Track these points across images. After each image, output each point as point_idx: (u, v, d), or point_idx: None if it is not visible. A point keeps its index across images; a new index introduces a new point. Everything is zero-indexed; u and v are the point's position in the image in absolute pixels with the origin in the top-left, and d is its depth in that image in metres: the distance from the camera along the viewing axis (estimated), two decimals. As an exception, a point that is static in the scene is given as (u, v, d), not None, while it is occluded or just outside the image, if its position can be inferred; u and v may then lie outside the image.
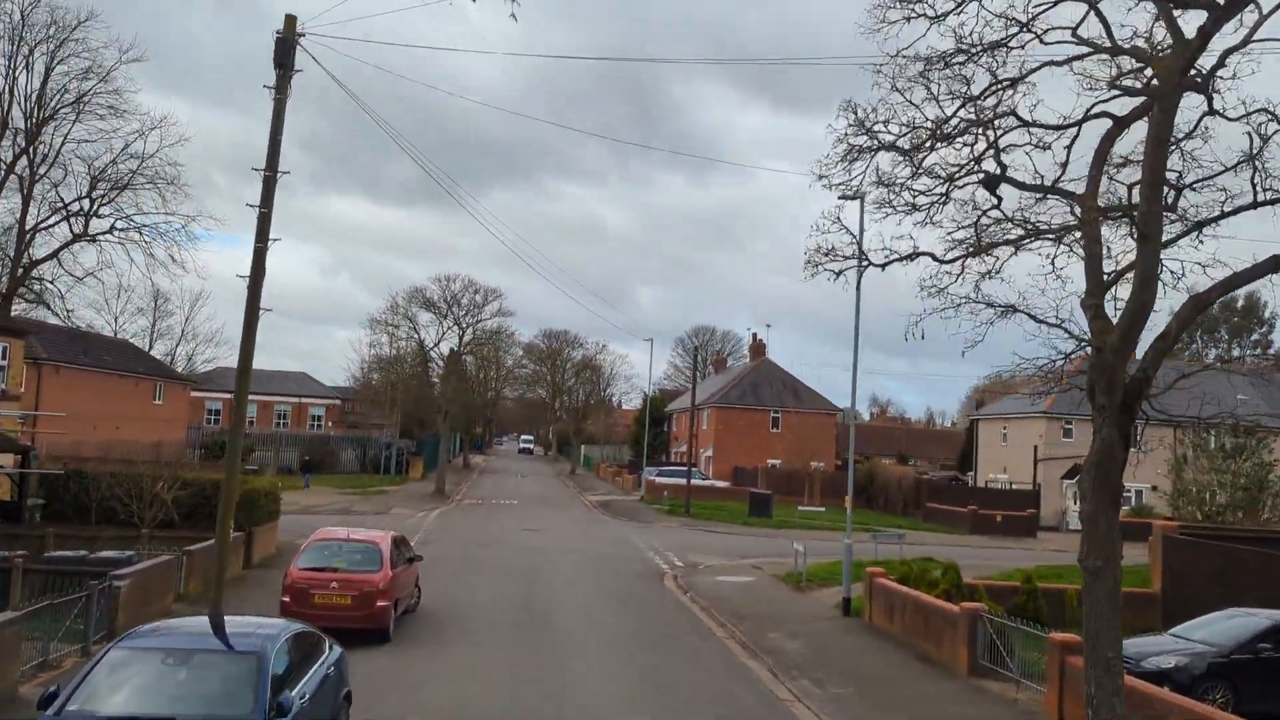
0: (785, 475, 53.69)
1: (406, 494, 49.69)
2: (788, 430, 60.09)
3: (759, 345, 66.64)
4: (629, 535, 35.75)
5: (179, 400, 60.83)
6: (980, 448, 53.89)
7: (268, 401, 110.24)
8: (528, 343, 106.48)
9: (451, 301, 49.90)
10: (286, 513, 38.99)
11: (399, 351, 53.59)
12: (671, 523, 42.11)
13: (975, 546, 38.98)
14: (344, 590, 15.87)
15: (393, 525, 36.84)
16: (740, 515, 44.98)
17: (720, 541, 35.58)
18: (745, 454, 59.91)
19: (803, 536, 38.68)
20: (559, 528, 36.87)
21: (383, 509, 41.59)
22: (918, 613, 17.42)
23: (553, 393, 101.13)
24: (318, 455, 62.82)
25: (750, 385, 61.87)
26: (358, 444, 64.50)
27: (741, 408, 60.41)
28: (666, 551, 31.10)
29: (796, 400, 60.72)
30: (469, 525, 36.39)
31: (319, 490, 48.57)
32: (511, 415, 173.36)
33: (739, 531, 39.70)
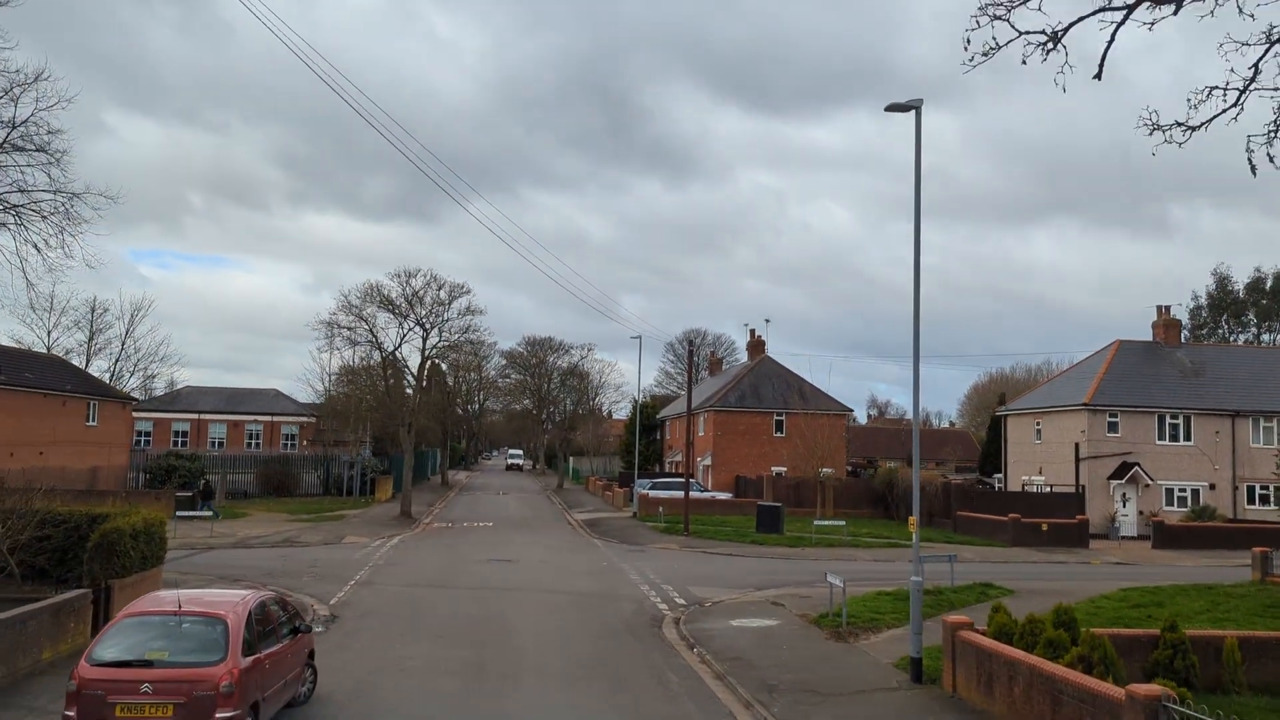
0: (793, 485, 48.03)
1: (368, 519, 43.85)
2: (794, 434, 54.40)
3: (758, 342, 61.01)
4: (619, 563, 30.00)
5: (118, 421, 54.85)
6: (1009, 446, 48.31)
7: (239, 421, 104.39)
8: (510, 350, 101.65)
9: (412, 299, 44.10)
10: (218, 547, 33.21)
11: (363, 360, 47.81)
12: (669, 544, 36.38)
13: (1023, 562, 33.39)
14: (162, 697, 10.10)
15: (339, 558, 31.27)
16: (747, 532, 39.29)
17: (728, 567, 29.86)
18: (747, 462, 54.26)
19: (821, 556, 33.16)
20: (536, 556, 31.10)
21: (334, 538, 35.79)
22: (1044, 691, 11.71)
23: (538, 403, 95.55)
24: (276, 477, 57.00)
25: (750, 386, 56.25)
26: (320, 464, 58.59)
27: (741, 411, 54.80)
28: (664, 584, 25.37)
29: (802, 401, 55.07)
30: (428, 557, 30.60)
31: (266, 518, 42.69)
32: (499, 429, 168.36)
33: (748, 553, 33.99)
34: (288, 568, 27.04)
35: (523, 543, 35.71)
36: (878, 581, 25.87)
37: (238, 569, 26.65)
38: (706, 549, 35.04)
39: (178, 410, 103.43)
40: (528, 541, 36.26)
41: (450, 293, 44.86)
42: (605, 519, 47.02)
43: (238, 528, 38.10)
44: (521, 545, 34.65)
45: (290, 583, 24.19)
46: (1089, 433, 41.58)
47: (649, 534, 39.86)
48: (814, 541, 36.29)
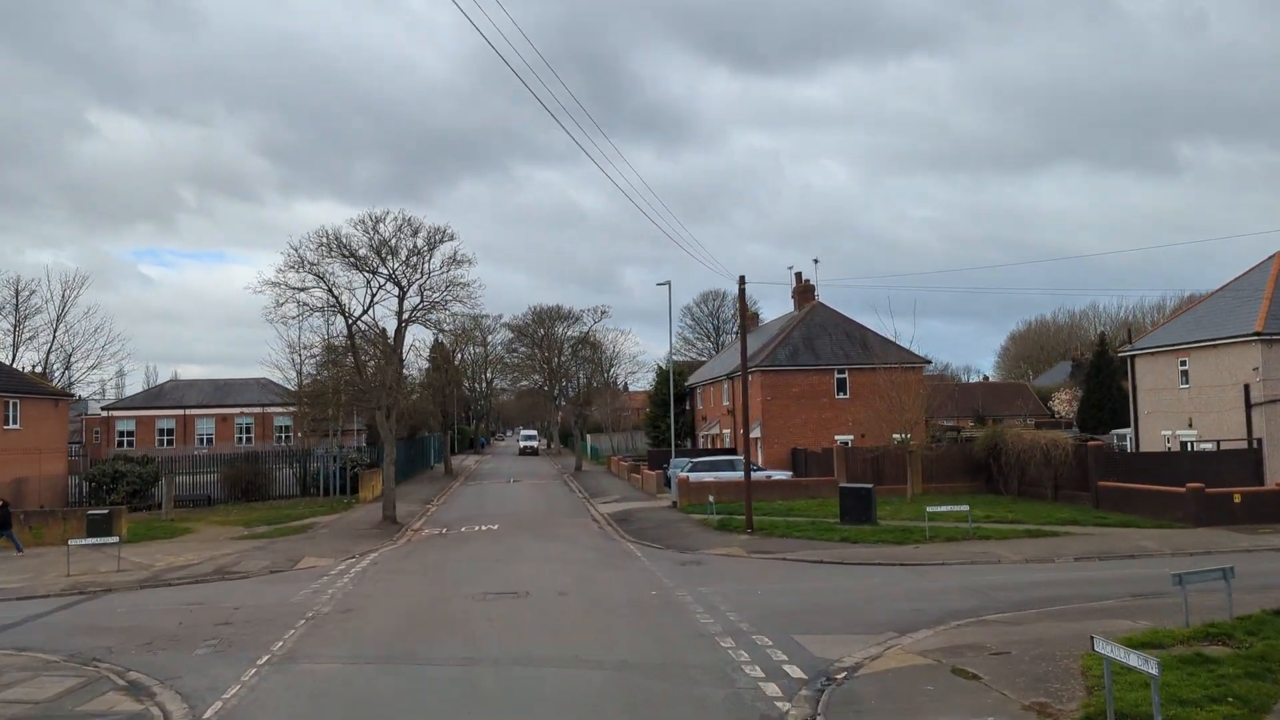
0: (872, 458, 38.68)
1: (341, 528, 34.82)
2: (860, 394, 45.12)
3: (805, 287, 51.56)
4: (674, 588, 20.79)
5: (50, 422, 45.87)
6: (1140, 394, 38.77)
7: (227, 415, 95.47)
8: (515, 322, 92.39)
9: (382, 250, 34.75)
10: (120, 588, 23.71)
11: (334, 335, 38.38)
12: (731, 547, 27.20)
13: (1247, 551, 23.80)
14: None
15: (272, 602, 20.04)
16: (828, 524, 30.11)
17: (831, 586, 20.62)
18: (804, 431, 45.00)
19: (949, 557, 23.01)
20: (555, 583, 21.90)
21: (286, 562, 26.80)
22: None
23: (549, 378, 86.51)
24: (244, 478, 48.05)
25: (802, 339, 46.83)
26: (296, 459, 49.64)
27: (794, 370, 45.39)
28: (754, 630, 16.19)
29: (867, 353, 45.72)
30: (401, 593, 21.47)
31: (212, 535, 33.75)
32: (510, 409, 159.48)
33: (845, 557, 24.74)
34: (185, 628, 18.01)
35: (536, 557, 26.55)
36: (1078, 608, 16.63)
37: (111, 632, 17.75)
38: (783, 553, 25.85)
39: (162, 407, 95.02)
40: (543, 554, 27.10)
41: (429, 239, 35.53)
42: (637, 511, 37.86)
43: (166, 552, 29.14)
44: (534, 562, 25.48)
45: (168, 660, 15.23)
46: (1264, 369, 32.05)
47: (699, 532, 30.68)
48: (927, 534, 27.03)
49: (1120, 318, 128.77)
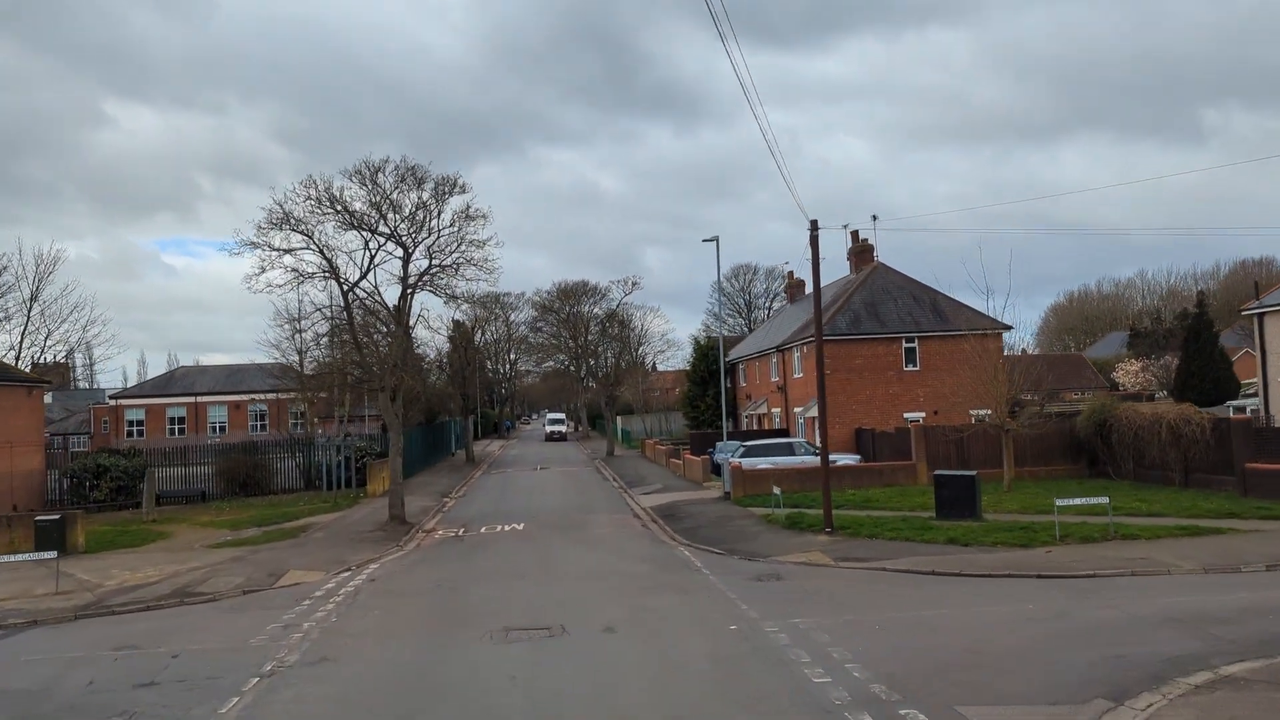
0: (955, 440, 33.18)
1: (342, 528, 29.88)
2: (932, 366, 39.66)
3: (863, 247, 45.94)
4: (760, 623, 15.45)
5: (22, 414, 41.14)
6: (1270, 357, 33.01)
7: (240, 401, 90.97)
8: (540, 300, 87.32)
9: (382, 205, 29.58)
10: (45, 621, 18.52)
11: (332, 302, 33.14)
12: (811, 553, 21.91)
13: None
14: None
15: (225, 644, 14.59)
16: (920, 520, 24.80)
17: (983, 620, 15.18)
18: (869, 408, 39.55)
19: (1099, 565, 16.96)
20: (598, 616, 16.66)
21: (264, 578, 21.87)
22: None
23: (575, 357, 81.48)
24: (241, 471, 43.30)
25: (864, 304, 41.29)
26: (298, 449, 44.83)
27: (856, 339, 39.86)
28: (904, 704, 10.88)
29: (939, 320, 40.20)
30: (396, 628, 16.34)
31: (188, 540, 28.90)
32: (536, 391, 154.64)
33: (966, 566, 19.34)
34: (93, 690, 13.05)
35: (571, 570, 21.37)
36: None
37: None
38: (880, 560, 20.54)
39: (172, 394, 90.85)
40: (579, 566, 21.91)
41: (437, 191, 30.29)
42: (685, 504, 32.66)
43: (126, 565, 24.25)
44: (569, 579, 20.28)
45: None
46: None
47: (766, 532, 25.40)
48: (1057, 533, 21.57)
49: (1171, 285, 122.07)
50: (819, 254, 24.36)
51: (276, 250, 28.48)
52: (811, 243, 24.33)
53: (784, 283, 57.79)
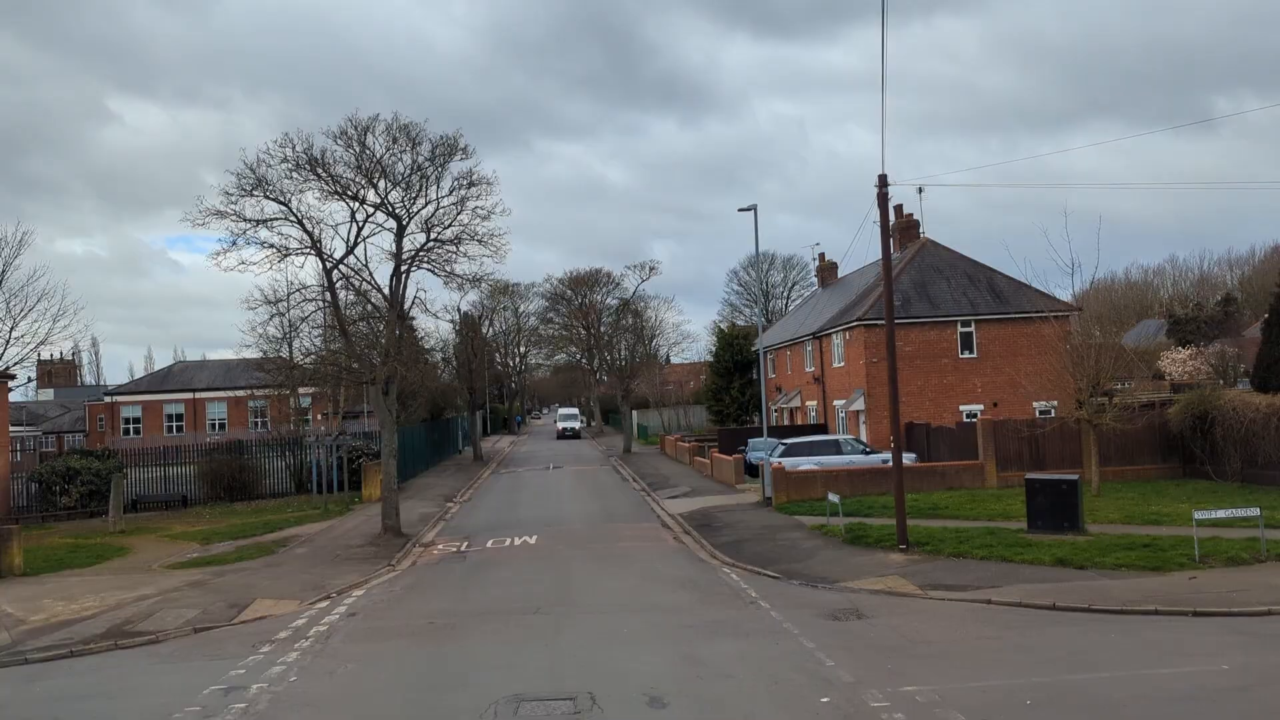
0: (1028, 436, 29.04)
1: (327, 542, 26.01)
2: (990, 353, 35.56)
3: (908, 223, 41.77)
4: (858, 690, 11.44)
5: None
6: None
7: (240, 398, 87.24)
8: (550, 289, 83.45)
9: (373, 171, 25.62)
10: None
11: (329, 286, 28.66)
12: (888, 577, 17.87)
13: None
14: None
15: (178, 685, 11.55)
16: (1011, 534, 20.72)
17: (1167, 689, 11.10)
18: (920, 400, 35.43)
19: (1274, 596, 13.49)
20: (635, 674, 12.69)
21: (231, 606, 18.06)
22: None
23: (589, 349, 77.63)
24: (227, 474, 39.50)
25: (914, 285, 37.12)
26: (289, 449, 41.00)
27: (906, 322, 35.70)
28: None
29: (998, 301, 36.05)
30: (371, 695, 12.36)
31: (151, 555, 25.08)
32: (547, 386, 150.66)
33: (1100, 600, 15.21)
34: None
35: (597, 602, 17.36)
36: None
37: None
38: (978, 587, 16.51)
39: (170, 390, 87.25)
40: (607, 598, 17.89)
41: (434, 154, 26.29)
42: (719, 511, 28.67)
43: (64, 592, 20.38)
44: (596, 614, 16.27)
45: None
46: None
47: (825, 548, 21.38)
48: (1196, 552, 17.47)
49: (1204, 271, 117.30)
50: (888, 215, 20.29)
51: (249, 221, 24.53)
52: (880, 202, 20.27)
53: (815, 265, 53.74)
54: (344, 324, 26.08)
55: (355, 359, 26.83)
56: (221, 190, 24.03)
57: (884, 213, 20.29)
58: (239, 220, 24.36)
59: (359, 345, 27.36)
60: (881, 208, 20.28)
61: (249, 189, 24.11)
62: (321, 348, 28.96)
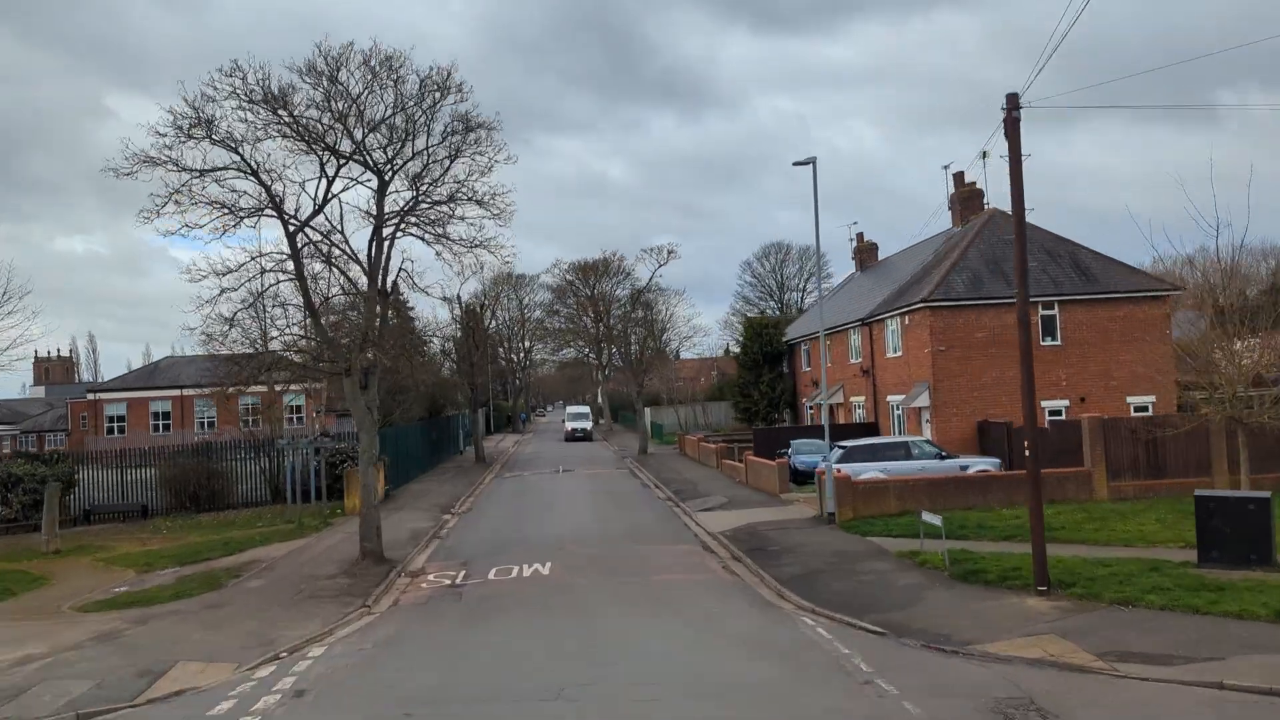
0: (1147, 439, 23.96)
1: (292, 570, 21.05)
2: (1077, 339, 30.51)
3: (971, 192, 36.72)
4: None
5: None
6: None
7: (230, 393, 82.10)
8: (558, 282, 78.48)
9: (347, 114, 20.58)
10: None
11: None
12: (1052, 645, 12.85)
13: None
14: None
15: None
16: (1175, 567, 15.68)
17: None
18: (995, 394, 30.35)
19: None
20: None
21: (140, 674, 13.15)
22: None
23: (596, 343, 72.68)
24: (192, 481, 34.68)
25: (984, 260, 31.97)
26: (266, 452, 36.12)
27: (978, 303, 30.59)
28: None
29: (1085, 279, 30.99)
30: None
31: (69, 588, 20.19)
32: (552, 382, 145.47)
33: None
34: None
35: (642, 674, 12.34)
36: None
37: None
38: (1196, 664, 11.51)
39: (156, 387, 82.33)
40: (654, 667, 12.85)
41: (422, 90, 21.28)
42: (768, 528, 23.67)
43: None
44: (643, 708, 11.21)
45: None
46: None
47: (925, 585, 16.37)
48: None
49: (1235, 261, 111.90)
50: (1019, 145, 15.27)
51: (190, 172, 19.52)
52: (1008, 131, 15.23)
53: (852, 245, 48.61)
54: (311, 302, 21.07)
55: (327, 345, 21.82)
56: (152, 130, 18.95)
57: (1015, 143, 15.24)
58: (177, 169, 19.36)
59: (335, 329, 22.40)
60: (1012, 137, 15.23)
61: (188, 129, 19.10)
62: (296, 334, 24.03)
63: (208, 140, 19.61)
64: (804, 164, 23.79)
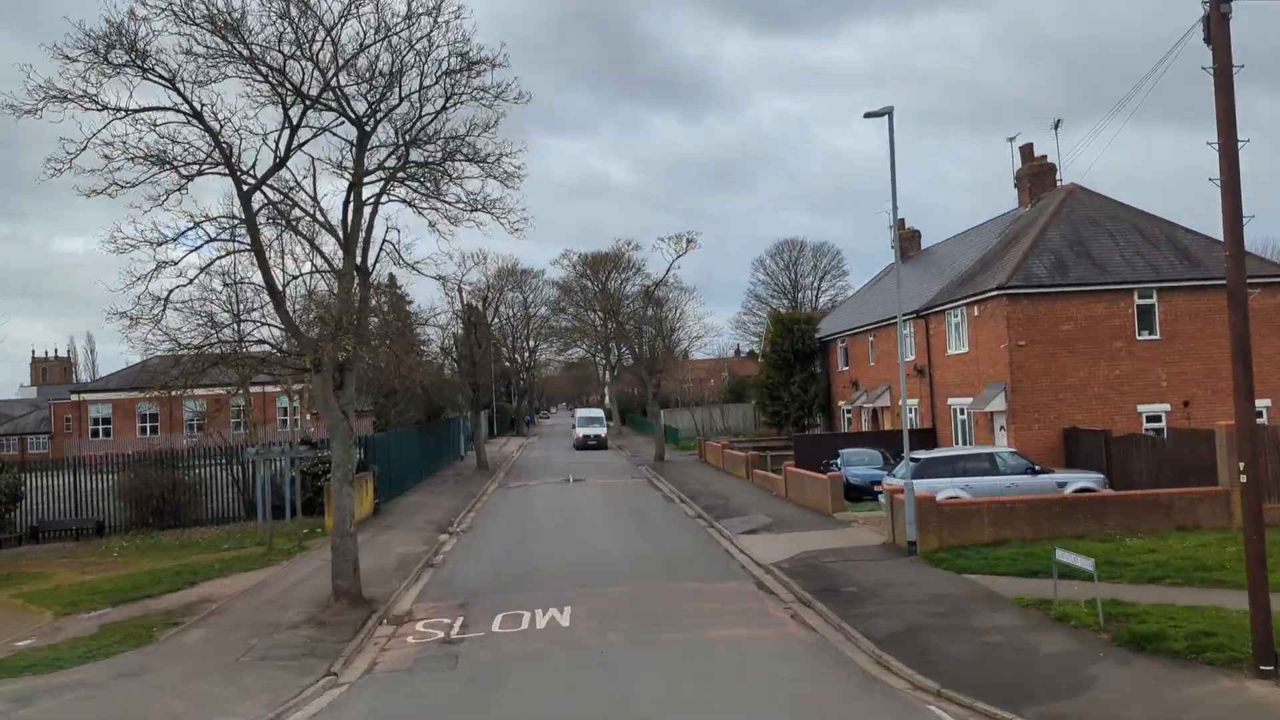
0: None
1: (245, 617, 16.77)
2: (1179, 333, 26.27)
3: (1040, 169, 32.46)
4: None
5: None
6: None
7: (219, 396, 77.92)
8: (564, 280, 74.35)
9: (316, 46, 16.27)
10: None
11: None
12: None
13: None
14: None
15: None
16: None
17: None
18: (1083, 397, 26.05)
19: None
20: None
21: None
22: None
23: (604, 342, 68.56)
24: (156, 494, 30.52)
25: (1067, 241, 27.61)
26: (234, 460, 31.88)
27: (1063, 291, 26.22)
28: None
29: (1187, 264, 26.74)
30: None
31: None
32: (556, 384, 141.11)
33: None
34: None
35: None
36: None
37: None
38: None
39: (144, 387, 78.13)
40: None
41: (411, 15, 16.96)
42: (832, 558, 19.40)
43: None
44: None
45: None
46: None
47: (1086, 658, 12.05)
48: None
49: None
50: (1229, 50, 10.97)
51: (112, 110, 15.28)
52: (1210, 26, 10.94)
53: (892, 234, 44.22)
54: (271, 278, 16.80)
55: (292, 333, 17.58)
56: (58, 53, 14.67)
57: (1223, 46, 10.93)
58: (96, 107, 15.11)
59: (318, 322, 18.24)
60: (1217, 34, 10.93)
61: (104, 51, 14.84)
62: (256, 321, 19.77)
63: (137, 72, 15.35)
64: (878, 115, 19.60)
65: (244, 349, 18.29)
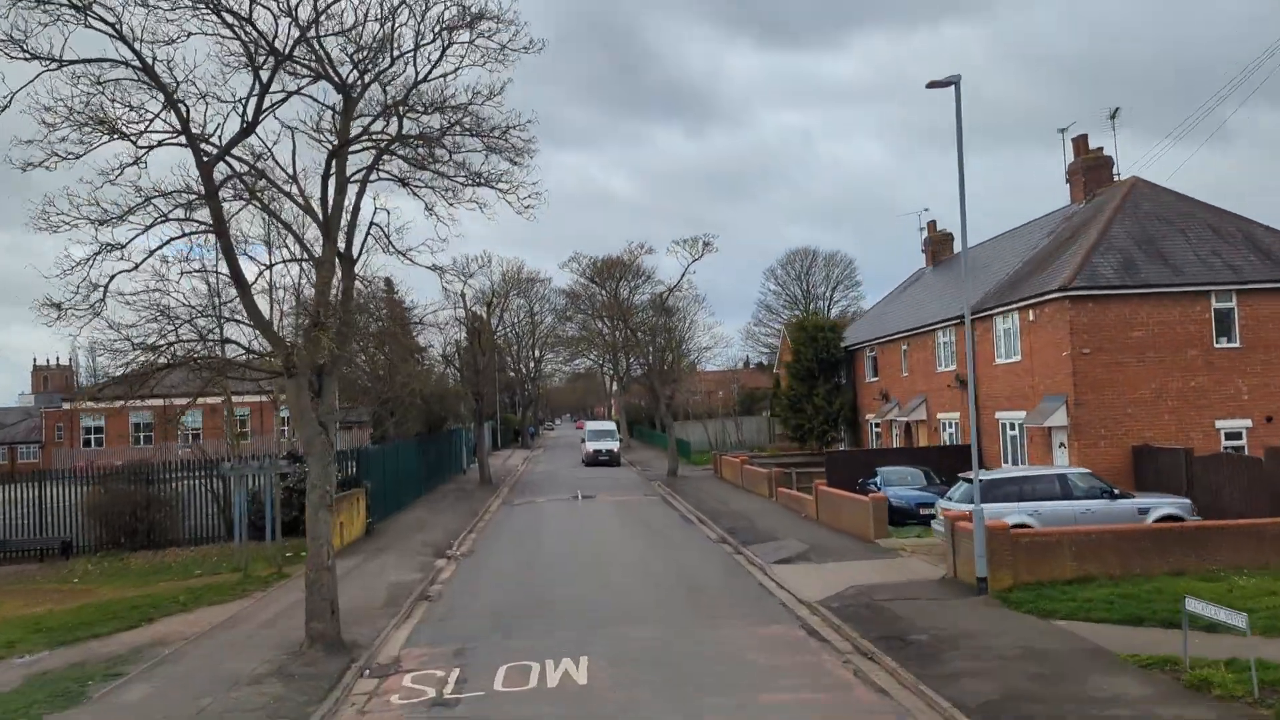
0: None
1: (191, 671, 14.13)
2: (1261, 341, 23.64)
3: (1096, 161, 29.89)
4: None
5: None
6: None
7: (217, 405, 75.61)
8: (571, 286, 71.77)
9: None
10: None
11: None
12: None
13: None
14: None
15: None
16: None
17: None
18: (1155, 410, 23.40)
19: None
20: None
21: None
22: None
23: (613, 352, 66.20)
24: (126, 513, 27.97)
25: (1134, 240, 24.99)
26: (213, 476, 29.28)
27: (1131, 293, 23.61)
28: None
29: (1269, 263, 24.13)
30: None
31: None
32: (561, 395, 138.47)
33: None
34: None
35: None
36: None
37: None
38: None
39: (139, 395, 75.55)
40: None
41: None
42: (887, 595, 16.77)
43: None
44: None
45: None
46: None
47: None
48: None
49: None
50: None
51: (45, 60, 12.78)
52: None
53: (924, 236, 41.77)
54: (237, 265, 14.25)
55: (262, 331, 15.03)
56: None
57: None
58: (24, 55, 12.61)
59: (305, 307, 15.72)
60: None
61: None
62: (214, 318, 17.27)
63: (77, 18, 12.85)
64: (943, 85, 17.10)
65: (208, 349, 15.73)
